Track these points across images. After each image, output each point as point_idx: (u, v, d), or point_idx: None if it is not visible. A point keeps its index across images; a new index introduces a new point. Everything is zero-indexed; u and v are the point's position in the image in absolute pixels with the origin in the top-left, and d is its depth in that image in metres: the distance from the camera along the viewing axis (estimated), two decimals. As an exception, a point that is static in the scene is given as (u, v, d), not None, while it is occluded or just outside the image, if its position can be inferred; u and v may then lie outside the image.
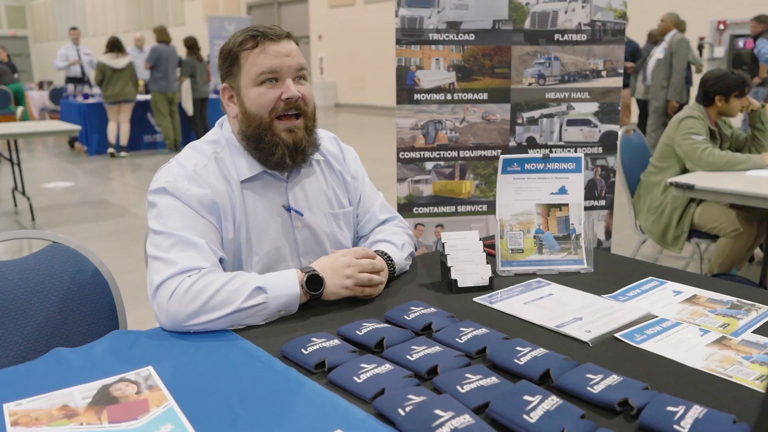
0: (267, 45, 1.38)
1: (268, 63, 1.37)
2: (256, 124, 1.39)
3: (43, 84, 12.11)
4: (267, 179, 1.45)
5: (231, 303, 1.21)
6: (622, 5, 2.25)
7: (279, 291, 1.25)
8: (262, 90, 1.38)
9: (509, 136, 2.33)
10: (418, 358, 1.06)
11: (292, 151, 1.40)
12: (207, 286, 1.22)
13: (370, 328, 1.18)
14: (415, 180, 2.31)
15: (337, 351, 1.10)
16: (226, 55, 1.43)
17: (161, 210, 1.33)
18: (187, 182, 1.36)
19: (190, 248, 1.28)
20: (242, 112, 1.41)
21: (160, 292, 1.23)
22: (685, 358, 1.09)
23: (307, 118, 1.43)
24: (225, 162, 1.42)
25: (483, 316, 1.28)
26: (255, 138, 1.40)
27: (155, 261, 1.28)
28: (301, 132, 1.41)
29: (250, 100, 1.39)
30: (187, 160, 1.40)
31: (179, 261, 1.26)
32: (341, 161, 1.60)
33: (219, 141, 1.46)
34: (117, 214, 5.58)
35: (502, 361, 1.06)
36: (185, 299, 1.21)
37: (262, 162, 1.42)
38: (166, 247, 1.28)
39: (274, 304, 1.25)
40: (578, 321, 1.23)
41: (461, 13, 2.20)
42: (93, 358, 1.12)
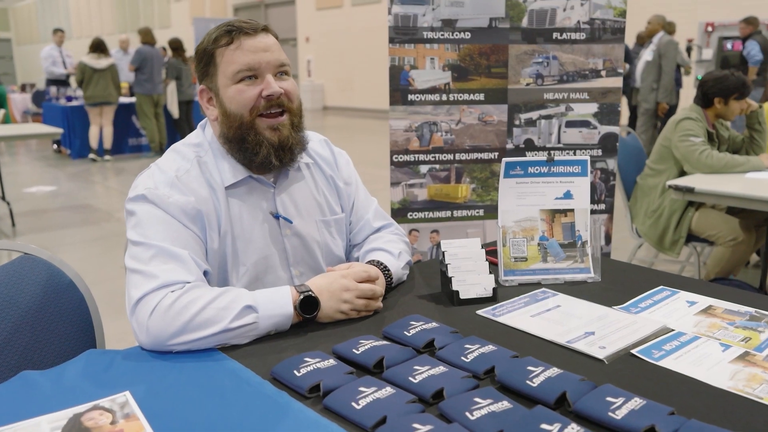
0: (243, 40, 1.29)
1: (245, 59, 1.28)
2: (237, 124, 1.29)
3: (26, 86, 11.91)
4: (253, 185, 1.36)
5: (218, 322, 1.12)
6: (622, 3, 2.18)
7: (271, 310, 1.16)
8: (241, 87, 1.29)
9: (506, 138, 2.24)
10: (421, 380, 0.97)
11: (278, 150, 1.31)
12: (192, 302, 1.12)
13: (368, 346, 1.09)
14: (409, 184, 2.22)
15: (332, 372, 1.01)
16: (201, 55, 1.33)
17: (140, 219, 1.23)
18: (169, 189, 1.26)
19: (172, 260, 1.19)
20: (222, 113, 1.32)
21: (140, 308, 1.13)
22: (709, 376, 1.01)
23: (292, 115, 1.34)
24: (208, 166, 1.33)
25: (488, 330, 1.20)
26: (237, 139, 1.30)
27: (134, 274, 1.18)
28: (287, 129, 1.32)
29: (229, 99, 1.29)
30: (169, 165, 1.31)
31: (160, 274, 1.16)
32: (333, 165, 1.51)
33: (202, 144, 1.36)
34: (100, 219, 5.45)
35: (514, 383, 0.97)
36: (167, 316, 1.11)
37: (246, 165, 1.33)
38: (145, 259, 1.18)
39: (264, 324, 1.16)
40: (590, 336, 1.15)
41: (457, 10, 2.11)
42: (64, 383, 1.02)
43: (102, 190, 6.88)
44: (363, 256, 1.47)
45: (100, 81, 7.94)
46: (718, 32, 8.53)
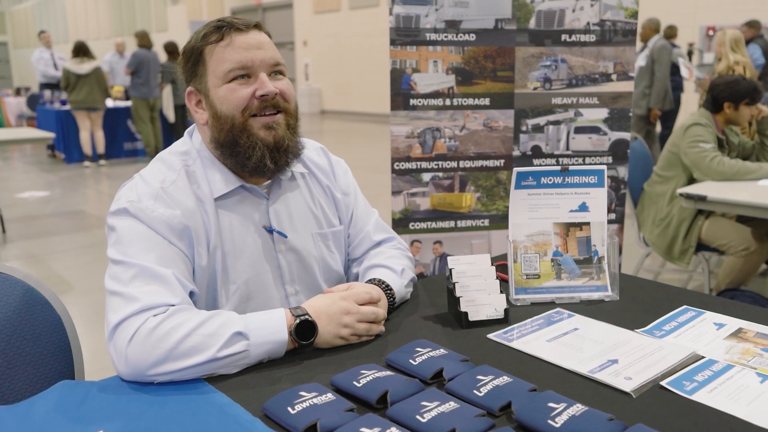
0: (234, 36, 1.19)
1: (237, 57, 1.18)
2: (229, 127, 1.19)
3: (20, 90, 11.80)
4: (244, 195, 1.26)
5: (204, 350, 1.01)
6: (634, 3, 2.09)
7: (263, 337, 1.06)
8: (233, 86, 1.19)
9: (513, 144, 2.14)
10: (430, 419, 0.87)
11: (273, 152, 1.20)
12: (175, 328, 1.02)
13: (371, 378, 0.99)
14: (411, 193, 2.12)
15: (331, 409, 0.90)
16: (189, 53, 1.23)
17: (121, 235, 1.13)
18: (153, 202, 1.16)
19: (154, 281, 1.08)
20: (212, 115, 1.21)
21: (118, 334, 1.03)
22: (749, 413, 0.90)
23: (288, 115, 1.24)
24: (197, 176, 1.22)
25: (501, 357, 1.10)
26: (229, 143, 1.20)
27: (113, 297, 1.07)
28: (282, 129, 1.22)
29: (220, 99, 1.19)
30: (154, 176, 1.21)
31: (141, 296, 1.05)
32: (330, 175, 1.40)
33: (189, 152, 1.26)
34: (92, 226, 5.34)
35: (534, 424, 0.87)
36: (148, 343, 1.01)
37: (238, 173, 1.24)
38: (126, 280, 1.08)
39: (256, 353, 1.05)
40: (614, 364, 1.05)
41: (461, 11, 2.01)
42: (33, 419, 0.92)
43: (95, 195, 6.77)
44: (363, 273, 1.36)
45: (84, 86, 7.75)
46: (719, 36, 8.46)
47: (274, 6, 16.35)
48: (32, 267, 4.20)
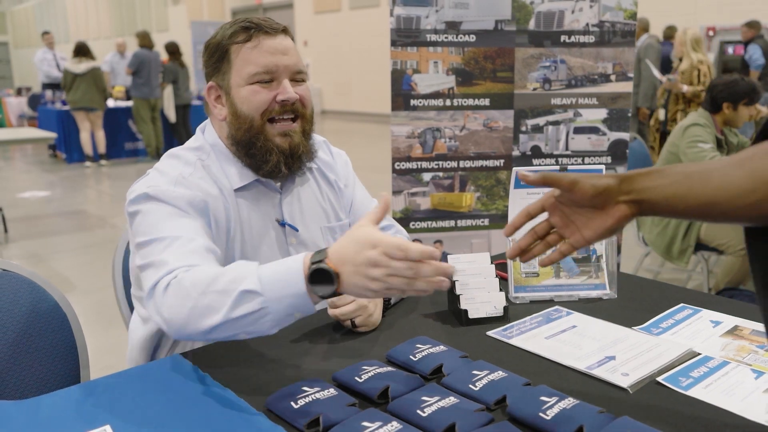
0: (262, 39, 1.21)
1: (263, 60, 1.20)
2: (247, 127, 1.22)
3: (21, 90, 11.82)
4: (260, 189, 1.28)
5: (218, 310, 0.95)
6: (633, 5, 2.10)
7: (278, 290, 0.94)
8: (256, 88, 1.21)
9: (512, 144, 2.16)
10: (430, 413, 0.89)
11: (287, 158, 1.24)
12: (194, 284, 0.98)
13: (372, 373, 1.00)
14: (411, 192, 2.13)
15: (333, 404, 0.92)
16: (214, 49, 1.25)
17: (145, 217, 1.13)
18: (173, 186, 1.16)
19: (183, 247, 1.08)
20: (232, 113, 1.23)
21: (155, 296, 1.02)
22: (743, 408, 0.92)
23: (304, 122, 1.27)
24: (212, 170, 1.24)
25: (500, 354, 1.11)
26: (246, 143, 1.23)
27: (146, 269, 1.07)
28: (298, 137, 1.25)
29: (242, 99, 1.22)
30: (170, 169, 1.21)
31: (171, 259, 1.04)
32: (333, 168, 1.43)
33: (203, 147, 1.27)
34: (94, 226, 5.36)
35: (526, 416, 0.89)
36: (177, 301, 0.98)
37: (253, 169, 1.25)
38: (157, 252, 1.07)
39: (276, 308, 0.94)
40: (611, 361, 1.07)
41: (461, 12, 2.03)
42: (40, 416, 0.93)
43: (96, 195, 6.79)
44: None
45: (81, 86, 7.76)
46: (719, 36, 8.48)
47: (275, 6, 16.37)
48: (34, 266, 4.23)
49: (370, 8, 13.74)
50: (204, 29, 10.57)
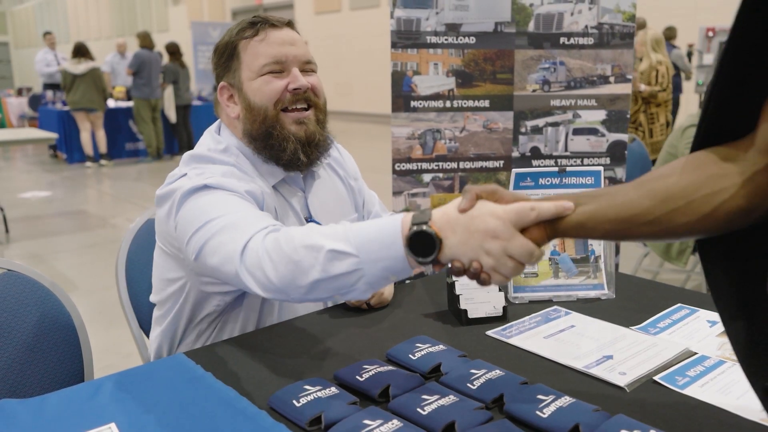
0: (269, 32, 1.23)
1: (272, 51, 1.22)
2: (261, 118, 1.22)
3: (22, 90, 11.83)
4: (286, 187, 1.30)
5: (311, 267, 0.90)
6: (631, 7, 2.12)
7: (374, 252, 0.87)
8: (267, 78, 1.22)
9: (512, 146, 2.18)
10: (430, 411, 0.90)
11: (305, 146, 1.23)
12: (288, 239, 0.95)
13: (373, 372, 1.02)
14: (412, 193, 2.15)
15: (335, 403, 0.93)
16: (223, 49, 1.26)
17: (207, 201, 1.09)
18: (222, 178, 1.15)
19: (259, 213, 1.08)
20: (245, 108, 1.24)
21: (248, 257, 0.98)
22: (739, 407, 0.94)
23: (318, 110, 1.28)
24: (245, 168, 1.24)
25: (499, 353, 1.13)
26: (262, 135, 1.22)
27: (220, 235, 1.03)
28: (313, 125, 1.25)
29: (254, 91, 1.22)
30: (206, 169, 1.19)
31: (255, 221, 1.02)
32: (342, 164, 1.46)
33: (228, 149, 1.25)
34: (95, 226, 5.37)
35: (523, 414, 0.90)
36: (281, 258, 0.94)
37: (275, 162, 1.25)
38: (231, 220, 1.04)
39: (371, 271, 0.88)
40: (608, 360, 1.08)
41: (461, 14, 2.05)
42: (45, 414, 0.95)
43: (97, 195, 6.80)
44: None
45: (80, 86, 7.77)
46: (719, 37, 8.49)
47: (275, 6, 16.38)
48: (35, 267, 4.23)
49: (370, 9, 13.75)
50: (204, 30, 10.58)
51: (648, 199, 0.77)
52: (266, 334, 1.22)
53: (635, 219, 0.78)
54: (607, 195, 0.81)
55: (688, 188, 0.75)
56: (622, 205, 0.78)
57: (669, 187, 0.76)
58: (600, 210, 0.80)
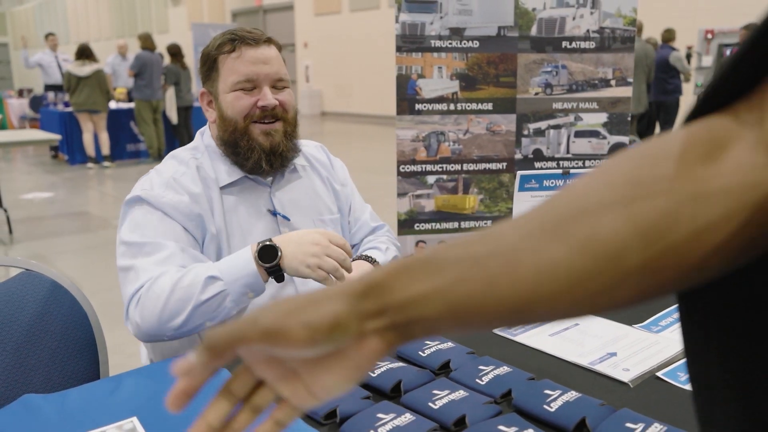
0: (244, 50, 1.32)
1: (245, 70, 1.32)
2: (232, 129, 1.34)
3: (23, 91, 11.85)
4: (249, 184, 1.39)
5: (188, 300, 1.15)
6: (632, 11, 2.15)
7: (234, 274, 1.18)
8: (239, 94, 1.33)
9: (515, 148, 2.21)
10: (441, 406, 0.93)
11: (269, 155, 1.35)
12: (161, 289, 1.16)
13: (384, 368, 1.05)
14: (416, 194, 2.18)
15: (348, 397, 0.97)
16: (205, 59, 1.38)
17: (134, 219, 1.27)
18: (164, 189, 1.30)
19: (157, 253, 1.22)
20: (219, 116, 1.36)
21: (131, 305, 1.19)
22: (739, 401, 0.97)
23: (286, 124, 1.38)
24: (204, 168, 1.37)
25: (506, 350, 1.16)
26: (231, 143, 1.35)
27: (125, 272, 1.22)
28: (279, 136, 1.36)
29: (227, 104, 1.34)
30: (166, 169, 1.36)
31: (148, 269, 1.20)
32: (329, 168, 1.55)
33: (198, 147, 1.41)
34: (97, 227, 5.40)
35: (531, 408, 0.94)
36: (147, 308, 1.16)
37: (239, 167, 1.38)
38: (136, 256, 1.23)
39: (235, 289, 1.18)
40: (612, 357, 1.11)
41: (465, 18, 2.08)
42: (68, 408, 0.98)
43: (99, 197, 6.83)
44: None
45: (84, 88, 7.80)
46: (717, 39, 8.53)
47: (275, 8, 16.41)
48: (40, 267, 4.26)
49: (370, 10, 13.79)
50: (205, 31, 10.61)
51: (584, 257, 0.40)
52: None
53: (569, 292, 0.41)
54: (498, 255, 0.42)
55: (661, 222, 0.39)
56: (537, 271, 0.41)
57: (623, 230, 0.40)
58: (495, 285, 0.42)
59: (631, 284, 0.40)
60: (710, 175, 0.39)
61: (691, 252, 0.38)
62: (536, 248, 0.41)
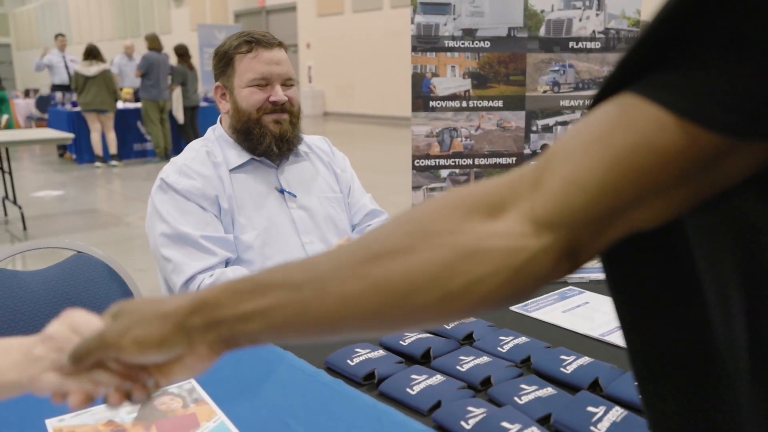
0: (260, 51, 1.49)
1: (260, 69, 1.49)
2: (246, 119, 1.51)
3: (29, 92, 11.95)
4: (257, 165, 1.56)
5: None
6: (636, 13, 2.26)
7: None
8: (253, 89, 1.50)
9: (524, 143, 2.32)
10: (468, 368, 1.04)
11: (278, 141, 1.52)
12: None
13: (414, 338, 1.16)
14: (430, 187, 2.29)
15: (384, 362, 1.07)
16: (221, 56, 1.53)
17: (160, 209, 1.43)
18: (177, 176, 1.46)
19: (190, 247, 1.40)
20: (233, 108, 1.52)
21: (190, 290, 1.33)
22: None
23: (292, 116, 1.55)
24: (214, 153, 1.53)
25: (522, 324, 1.26)
26: (244, 131, 1.52)
27: (167, 263, 1.39)
28: (287, 124, 1.53)
29: (242, 98, 1.50)
30: (180, 158, 1.53)
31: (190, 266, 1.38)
32: (330, 155, 1.72)
33: (209, 138, 1.58)
34: (109, 224, 5.50)
35: (549, 371, 1.04)
36: None
37: (250, 151, 1.53)
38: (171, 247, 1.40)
39: None
40: (621, 329, 1.22)
41: (477, 20, 2.19)
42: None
43: (109, 194, 6.93)
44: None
45: (92, 88, 7.90)
46: (717, 40, 8.63)
47: (278, 9, 16.52)
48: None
49: (372, 11, 13.89)
50: (210, 32, 10.73)
51: (380, 295, 0.47)
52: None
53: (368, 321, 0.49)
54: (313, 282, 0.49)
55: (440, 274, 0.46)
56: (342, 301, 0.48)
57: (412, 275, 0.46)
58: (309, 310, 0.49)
59: (425, 314, 0.48)
60: (487, 233, 0.45)
61: (467, 297, 0.46)
62: (342, 281, 0.48)
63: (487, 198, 0.47)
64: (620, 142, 0.42)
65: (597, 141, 0.43)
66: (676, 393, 0.51)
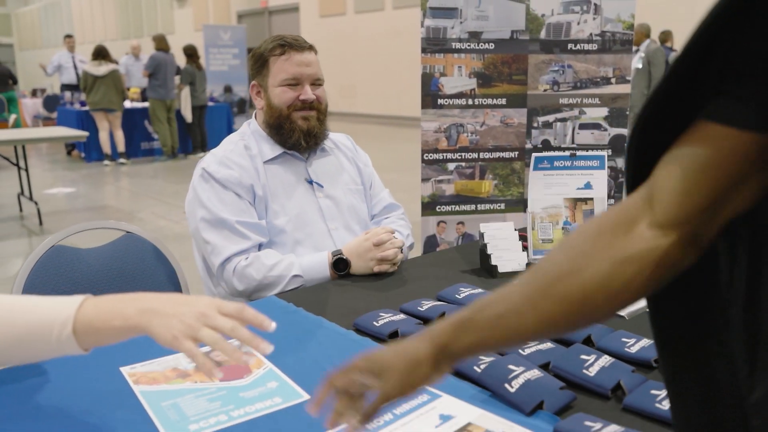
0: (292, 54, 1.64)
1: (292, 70, 1.64)
2: (277, 115, 1.66)
3: (37, 91, 12.11)
4: (288, 158, 1.72)
5: (276, 286, 1.54)
6: (630, 17, 2.42)
7: (312, 275, 1.56)
8: (285, 89, 1.65)
9: (525, 139, 2.48)
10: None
11: (306, 135, 1.67)
12: (258, 270, 1.51)
13: (430, 305, 1.32)
14: (438, 180, 2.45)
15: (406, 323, 1.23)
16: (257, 58, 1.69)
17: (204, 191, 1.59)
18: (218, 166, 1.62)
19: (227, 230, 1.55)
20: (267, 105, 1.68)
21: (226, 269, 1.53)
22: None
23: (320, 113, 1.70)
24: (250, 147, 1.68)
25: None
26: (276, 126, 1.67)
27: (206, 245, 1.57)
28: (314, 121, 1.68)
29: (275, 96, 1.66)
30: (219, 149, 1.69)
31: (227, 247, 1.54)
32: (353, 151, 1.88)
33: (245, 133, 1.73)
34: (121, 219, 5.64)
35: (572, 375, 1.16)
36: (244, 278, 1.51)
37: (281, 144, 1.68)
38: (219, 237, 1.55)
39: (308, 282, 1.56)
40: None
41: (482, 23, 2.35)
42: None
43: (119, 192, 7.09)
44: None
45: (100, 87, 8.07)
46: (714, 41, 8.77)
47: (281, 9, 16.65)
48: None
49: (375, 12, 14.03)
50: (215, 32, 10.86)
51: (540, 324, 0.67)
52: (338, 285, 1.52)
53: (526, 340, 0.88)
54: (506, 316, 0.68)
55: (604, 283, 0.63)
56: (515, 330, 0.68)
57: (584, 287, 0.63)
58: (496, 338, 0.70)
59: (598, 313, 0.65)
60: (628, 244, 0.62)
61: (626, 293, 0.62)
62: (534, 304, 0.66)
63: (619, 220, 0.63)
64: (702, 156, 0.58)
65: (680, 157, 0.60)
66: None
